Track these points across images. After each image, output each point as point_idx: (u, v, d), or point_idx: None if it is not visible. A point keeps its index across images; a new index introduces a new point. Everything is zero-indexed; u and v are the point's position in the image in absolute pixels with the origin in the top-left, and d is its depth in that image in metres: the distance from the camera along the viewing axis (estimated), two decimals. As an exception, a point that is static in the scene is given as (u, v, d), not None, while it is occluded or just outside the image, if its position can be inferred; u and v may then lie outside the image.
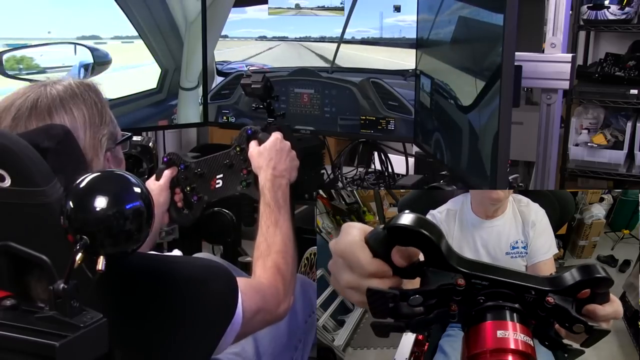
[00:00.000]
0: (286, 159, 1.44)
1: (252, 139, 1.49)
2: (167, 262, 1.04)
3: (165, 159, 1.59)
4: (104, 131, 1.03)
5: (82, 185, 0.77)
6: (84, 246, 0.73)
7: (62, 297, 0.71)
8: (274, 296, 1.22)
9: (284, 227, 1.33)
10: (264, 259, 1.27)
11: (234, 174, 1.56)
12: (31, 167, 0.82)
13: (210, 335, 1.01)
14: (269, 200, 1.36)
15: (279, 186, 1.39)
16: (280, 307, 1.23)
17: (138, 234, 0.78)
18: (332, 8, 2.11)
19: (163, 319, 0.95)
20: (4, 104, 0.99)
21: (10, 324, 0.72)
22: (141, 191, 0.79)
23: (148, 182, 1.59)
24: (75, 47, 2.12)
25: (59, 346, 0.68)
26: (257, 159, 1.43)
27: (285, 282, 1.26)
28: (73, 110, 1.00)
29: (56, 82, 1.03)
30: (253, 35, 2.24)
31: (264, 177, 1.39)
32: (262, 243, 1.30)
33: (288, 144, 1.46)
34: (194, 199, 1.59)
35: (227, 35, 2.28)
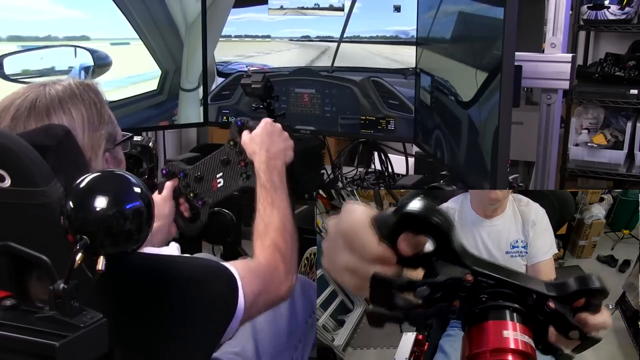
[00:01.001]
0: (278, 141, 1.44)
1: (243, 129, 1.50)
2: (167, 262, 1.04)
3: (164, 171, 1.60)
4: (102, 132, 1.04)
5: (82, 185, 0.77)
6: (84, 246, 0.73)
7: (62, 297, 0.71)
8: (275, 276, 1.20)
9: (281, 206, 1.32)
10: (262, 239, 1.26)
11: (232, 169, 1.56)
12: (31, 167, 0.82)
13: (210, 335, 1.01)
14: (264, 182, 1.36)
15: (273, 167, 1.38)
16: (282, 287, 1.21)
17: (138, 234, 0.78)
18: (332, 8, 2.11)
19: (163, 319, 0.95)
20: (3, 103, 1.00)
21: (10, 324, 0.72)
22: (141, 191, 0.79)
23: None
24: (76, 50, 2.12)
25: (59, 346, 0.68)
26: (250, 145, 1.44)
27: (286, 261, 1.24)
28: (71, 110, 1.00)
29: (56, 83, 1.03)
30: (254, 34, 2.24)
31: (259, 161, 1.40)
32: (260, 224, 1.29)
33: (279, 126, 1.46)
34: (198, 204, 1.59)
35: (230, 35, 2.28)
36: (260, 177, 1.37)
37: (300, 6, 2.15)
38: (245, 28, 2.25)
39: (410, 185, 2.02)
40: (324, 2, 2.12)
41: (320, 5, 2.13)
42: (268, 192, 1.34)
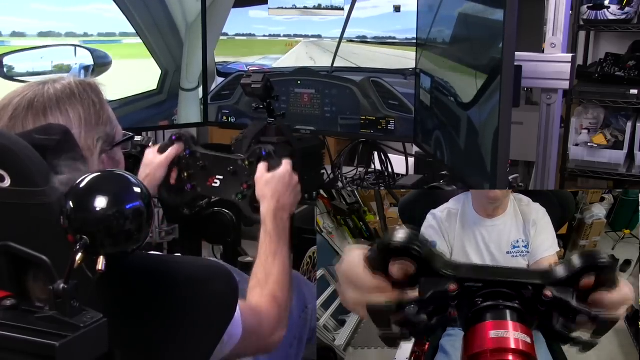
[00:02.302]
0: (292, 194, 1.42)
1: (264, 160, 1.47)
2: (167, 262, 1.04)
3: (174, 137, 1.56)
4: (100, 133, 1.03)
5: (82, 185, 0.77)
6: (84, 246, 0.73)
7: (62, 297, 0.71)
8: (269, 324, 1.22)
9: (283, 257, 1.33)
10: (262, 288, 1.27)
11: (233, 182, 1.55)
12: (31, 167, 0.82)
13: (210, 335, 1.01)
14: (270, 230, 1.35)
15: (280, 217, 1.38)
16: (273, 335, 1.24)
17: (138, 234, 0.78)
18: (332, 8, 2.11)
19: (163, 319, 0.95)
20: (2, 102, 0.99)
21: (10, 324, 0.72)
22: (141, 191, 0.79)
23: (149, 151, 1.56)
24: (76, 49, 2.12)
25: (59, 346, 0.67)
26: (263, 187, 1.42)
27: (281, 313, 1.26)
28: (68, 110, 1.00)
29: (56, 81, 1.03)
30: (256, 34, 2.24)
31: (267, 207, 1.38)
32: (260, 272, 1.30)
33: (296, 179, 1.44)
34: (187, 187, 1.57)
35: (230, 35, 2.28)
36: (266, 223, 1.36)
37: (300, 6, 2.15)
38: (245, 28, 2.25)
39: (410, 185, 2.02)
40: (324, 2, 2.12)
41: (320, 5, 2.13)
42: (272, 241, 1.33)
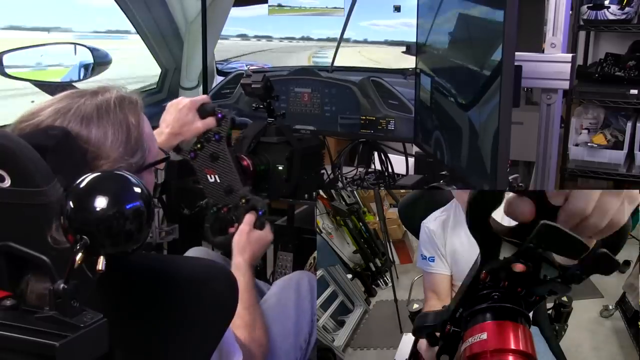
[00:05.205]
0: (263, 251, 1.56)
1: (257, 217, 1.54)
2: (167, 262, 1.04)
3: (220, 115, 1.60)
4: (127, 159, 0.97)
5: (82, 185, 0.77)
6: (84, 246, 0.73)
7: (62, 297, 0.71)
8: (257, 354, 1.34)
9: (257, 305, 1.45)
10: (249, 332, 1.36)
11: (220, 194, 1.63)
12: (31, 168, 0.82)
13: (210, 335, 1.01)
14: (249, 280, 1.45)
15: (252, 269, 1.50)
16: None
17: (138, 234, 0.78)
18: (332, 8, 2.11)
19: (163, 319, 0.95)
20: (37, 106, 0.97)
21: (10, 324, 0.72)
22: (141, 191, 0.79)
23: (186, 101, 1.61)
24: (75, 47, 2.11)
25: (59, 346, 0.68)
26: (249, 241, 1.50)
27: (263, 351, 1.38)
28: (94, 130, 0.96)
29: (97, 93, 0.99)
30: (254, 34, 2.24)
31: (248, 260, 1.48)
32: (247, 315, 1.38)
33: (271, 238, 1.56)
34: (190, 155, 1.64)
35: (230, 34, 2.28)
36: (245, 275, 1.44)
37: (300, 6, 2.15)
38: (245, 27, 2.25)
39: (410, 185, 2.02)
40: (325, 2, 2.12)
41: (320, 5, 2.13)
42: (251, 292, 1.43)
